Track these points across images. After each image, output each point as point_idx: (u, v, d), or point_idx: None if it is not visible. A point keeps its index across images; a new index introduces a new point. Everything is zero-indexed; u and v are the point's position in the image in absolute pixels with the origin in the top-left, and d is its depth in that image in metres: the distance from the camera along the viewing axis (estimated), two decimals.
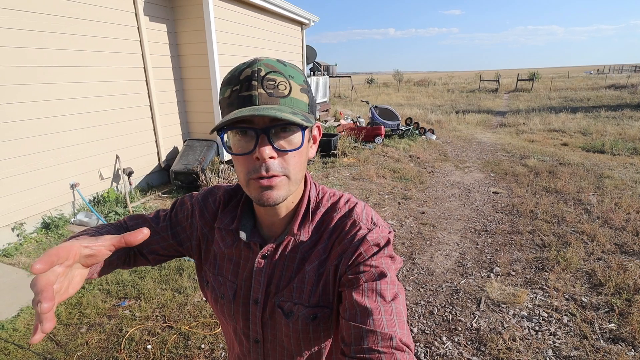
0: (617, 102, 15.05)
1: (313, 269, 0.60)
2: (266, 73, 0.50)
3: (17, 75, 3.14)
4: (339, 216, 0.61)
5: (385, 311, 0.51)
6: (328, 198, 0.64)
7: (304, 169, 0.57)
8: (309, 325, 0.61)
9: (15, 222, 3.27)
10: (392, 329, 0.49)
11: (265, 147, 0.49)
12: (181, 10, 4.78)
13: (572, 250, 3.08)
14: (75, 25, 3.58)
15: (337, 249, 0.59)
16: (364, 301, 0.52)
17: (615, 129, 9.38)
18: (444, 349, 2.04)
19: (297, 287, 0.61)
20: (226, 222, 0.66)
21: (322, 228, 0.61)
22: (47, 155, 3.46)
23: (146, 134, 4.63)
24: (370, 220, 0.60)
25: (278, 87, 0.50)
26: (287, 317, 0.61)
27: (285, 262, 0.62)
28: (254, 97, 0.49)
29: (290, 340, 0.63)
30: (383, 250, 0.57)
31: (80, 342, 2.06)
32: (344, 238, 0.58)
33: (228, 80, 0.52)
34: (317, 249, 0.60)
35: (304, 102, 0.53)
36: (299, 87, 0.52)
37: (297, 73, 0.53)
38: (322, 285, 0.60)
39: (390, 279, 0.55)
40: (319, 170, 5.62)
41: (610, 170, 5.51)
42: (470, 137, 8.95)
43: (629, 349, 2.00)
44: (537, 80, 27.12)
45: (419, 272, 2.85)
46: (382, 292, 0.53)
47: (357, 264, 0.56)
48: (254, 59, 0.52)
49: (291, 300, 0.61)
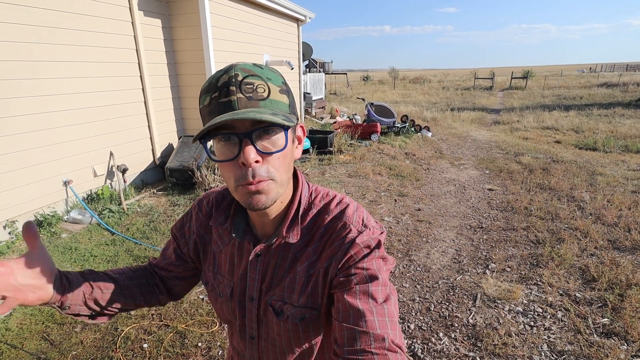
0: (609, 100, 15.25)
1: (303, 269, 0.61)
2: (243, 77, 0.50)
3: (10, 70, 3.08)
4: (330, 218, 0.61)
5: (377, 313, 0.52)
6: (321, 199, 0.64)
7: (290, 170, 0.57)
8: (298, 326, 0.62)
9: (7, 220, 3.21)
10: (384, 331, 0.50)
11: (249, 152, 0.49)
12: (176, 5, 4.72)
13: (565, 246, 3.12)
14: (67, 19, 3.51)
15: (328, 251, 0.59)
16: (356, 303, 0.53)
17: (607, 126, 9.51)
18: (441, 345, 2.05)
19: (288, 286, 0.62)
20: (220, 220, 0.67)
21: (313, 229, 0.61)
22: (39, 152, 3.40)
23: (141, 131, 4.58)
24: (361, 222, 0.60)
25: (257, 90, 0.50)
26: (278, 316, 0.62)
27: (277, 261, 0.63)
28: (233, 102, 0.49)
29: (282, 338, 0.65)
30: (374, 252, 0.58)
31: (75, 342, 2.04)
32: (335, 240, 0.59)
33: (206, 89, 0.52)
34: (308, 250, 0.61)
35: (284, 103, 0.53)
36: (277, 89, 0.52)
37: (274, 75, 0.53)
38: (312, 286, 0.60)
39: (382, 281, 0.55)
40: (315, 168, 5.61)
41: (603, 168, 5.58)
42: (465, 134, 9.00)
43: (621, 343, 2.03)
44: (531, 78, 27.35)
45: (415, 268, 2.86)
46: (373, 294, 0.54)
47: (348, 266, 0.57)
48: (229, 65, 0.52)
49: (282, 300, 0.62)
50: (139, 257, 2.94)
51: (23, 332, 2.10)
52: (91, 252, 3.02)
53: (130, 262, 2.87)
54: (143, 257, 2.94)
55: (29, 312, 2.26)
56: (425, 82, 33.22)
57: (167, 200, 4.21)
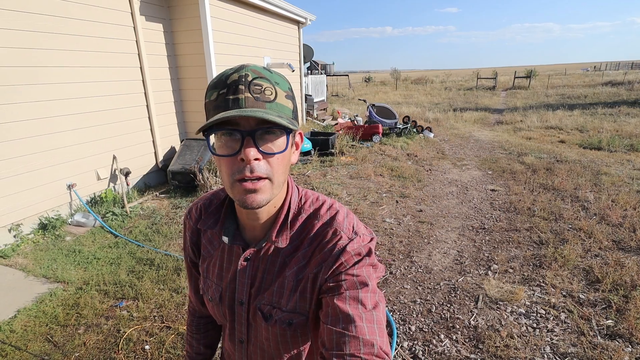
0: (613, 99, 15.10)
1: (292, 274, 0.61)
2: (253, 78, 0.51)
3: (14, 76, 3.12)
4: (321, 224, 0.61)
5: (366, 319, 0.52)
6: (310, 204, 0.64)
7: (287, 173, 0.58)
8: (286, 330, 0.62)
9: (12, 223, 3.25)
10: (373, 337, 0.51)
11: (250, 149, 0.50)
12: (177, 10, 4.76)
13: (569, 247, 3.09)
14: (70, 25, 3.56)
15: (317, 257, 0.59)
16: (346, 308, 0.53)
17: (612, 125, 9.42)
18: (442, 347, 2.04)
19: (277, 291, 0.62)
20: (210, 224, 0.67)
21: (303, 234, 0.62)
22: (44, 156, 3.44)
23: (143, 134, 4.61)
24: (351, 229, 0.60)
25: (264, 92, 0.51)
26: (266, 320, 0.62)
27: (266, 265, 0.63)
28: (240, 100, 0.50)
29: (270, 343, 0.65)
30: (364, 260, 0.58)
31: (78, 343, 2.05)
32: (325, 247, 0.59)
33: (215, 84, 0.53)
34: (297, 255, 0.61)
35: (288, 108, 0.54)
36: (284, 94, 0.54)
37: (282, 80, 0.55)
38: (300, 291, 0.60)
39: (372, 288, 0.56)
40: (316, 169, 5.62)
41: (607, 167, 5.53)
42: (467, 134, 8.96)
43: (626, 345, 2.01)
44: (534, 78, 27.17)
45: (416, 270, 2.85)
46: (363, 300, 0.54)
47: (338, 273, 0.57)
48: (240, 65, 0.54)
49: (270, 304, 0.62)
50: (141, 260, 2.96)
51: (27, 334, 2.12)
52: (95, 254, 3.04)
53: (132, 264, 2.89)
54: (145, 259, 2.96)
55: (33, 315, 2.28)
56: (427, 82, 33.14)
57: (170, 202, 4.24)
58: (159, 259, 2.95)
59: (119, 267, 2.85)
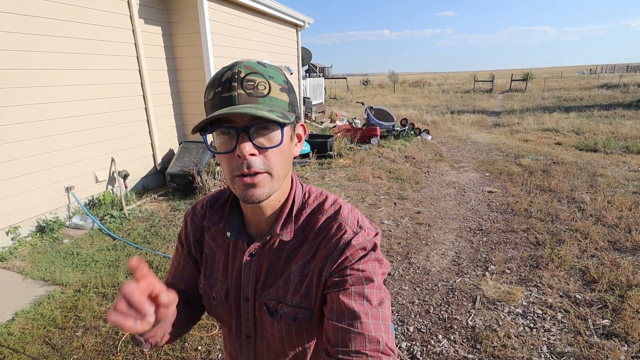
0: (609, 101, 15.23)
1: (297, 269, 0.61)
2: (246, 74, 0.52)
3: (12, 78, 3.13)
4: (325, 218, 0.61)
5: (372, 315, 0.52)
6: (314, 198, 0.64)
7: (287, 166, 0.58)
8: (292, 326, 0.62)
9: (10, 226, 3.24)
10: (378, 333, 0.51)
11: (245, 145, 0.51)
12: (176, 13, 4.78)
13: (565, 247, 3.11)
14: (70, 28, 3.57)
15: (322, 251, 0.59)
16: (351, 304, 0.53)
17: (608, 127, 9.50)
18: (440, 347, 2.05)
19: (282, 285, 0.62)
20: (215, 220, 0.67)
21: (307, 229, 0.61)
22: (42, 159, 3.44)
23: (141, 137, 4.62)
24: (356, 223, 0.60)
25: (257, 87, 0.52)
26: (272, 315, 0.62)
27: (271, 260, 0.63)
28: (233, 98, 0.51)
29: (275, 339, 0.64)
30: (370, 254, 0.58)
31: (76, 346, 2.05)
32: (330, 241, 0.59)
33: (211, 84, 0.54)
34: (302, 250, 0.61)
35: (283, 101, 0.54)
36: (278, 87, 0.54)
37: (277, 73, 0.55)
38: (305, 286, 0.60)
39: (377, 284, 0.56)
40: (315, 172, 5.63)
41: (603, 169, 5.58)
42: (465, 137, 9.01)
43: (622, 344, 2.02)
44: (530, 81, 27.36)
45: (415, 271, 2.87)
46: (368, 296, 0.54)
47: (344, 267, 0.57)
48: (235, 62, 0.54)
49: (276, 299, 0.62)
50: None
51: (25, 337, 2.11)
52: (93, 257, 3.04)
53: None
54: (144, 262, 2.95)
55: (31, 317, 2.27)
56: (425, 85, 33.30)
57: (168, 205, 4.24)
58: (158, 261, 2.95)
59: (117, 270, 2.85)
